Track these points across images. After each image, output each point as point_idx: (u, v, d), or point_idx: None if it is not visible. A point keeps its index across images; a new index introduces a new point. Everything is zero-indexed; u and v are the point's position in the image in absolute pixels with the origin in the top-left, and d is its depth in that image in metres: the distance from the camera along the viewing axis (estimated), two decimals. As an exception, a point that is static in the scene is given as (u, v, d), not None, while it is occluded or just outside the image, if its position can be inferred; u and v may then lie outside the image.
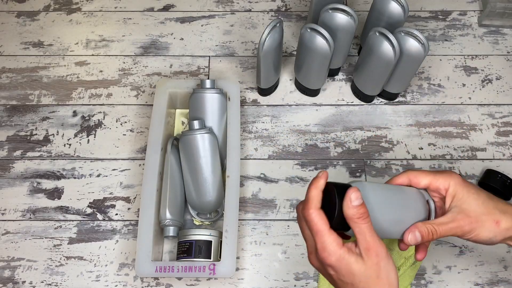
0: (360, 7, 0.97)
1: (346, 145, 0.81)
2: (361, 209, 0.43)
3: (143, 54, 0.91)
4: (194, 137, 0.71)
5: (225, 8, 0.97)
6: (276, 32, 0.72)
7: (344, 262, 0.43)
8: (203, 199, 0.71)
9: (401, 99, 0.86)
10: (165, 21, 0.95)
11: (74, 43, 0.92)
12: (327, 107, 0.85)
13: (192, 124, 0.71)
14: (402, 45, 0.72)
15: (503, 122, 0.84)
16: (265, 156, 0.80)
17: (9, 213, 0.75)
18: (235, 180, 0.70)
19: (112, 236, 0.74)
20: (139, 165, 0.79)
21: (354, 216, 0.43)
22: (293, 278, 0.71)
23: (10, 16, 0.95)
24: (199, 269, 0.64)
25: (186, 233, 0.69)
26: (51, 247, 0.73)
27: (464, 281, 0.71)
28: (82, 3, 0.97)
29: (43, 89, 0.86)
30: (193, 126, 0.71)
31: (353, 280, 0.43)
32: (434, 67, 0.90)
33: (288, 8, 0.97)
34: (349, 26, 0.75)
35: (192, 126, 0.72)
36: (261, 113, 0.84)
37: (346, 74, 0.89)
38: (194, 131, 0.71)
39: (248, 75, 0.88)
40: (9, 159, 0.80)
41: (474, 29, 0.94)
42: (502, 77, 0.89)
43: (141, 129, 0.83)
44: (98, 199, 0.77)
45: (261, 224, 0.75)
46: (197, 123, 0.72)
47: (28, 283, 0.70)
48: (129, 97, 0.86)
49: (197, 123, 0.72)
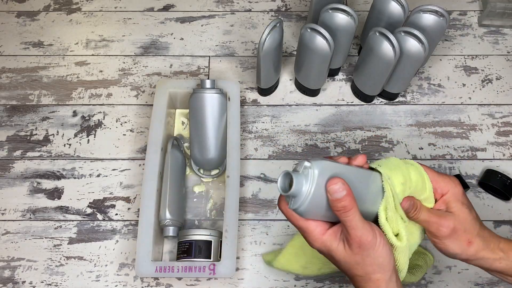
0: (360, 7, 0.97)
1: (346, 145, 0.81)
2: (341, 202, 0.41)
3: (143, 54, 0.91)
4: (203, 95, 0.73)
5: (225, 8, 0.97)
6: (276, 32, 0.72)
7: (327, 249, 0.44)
8: (205, 155, 0.74)
9: (401, 99, 0.86)
10: (165, 21, 0.95)
11: (74, 43, 0.92)
12: (327, 107, 0.85)
13: (204, 83, 0.73)
14: (402, 45, 0.72)
15: (503, 122, 0.84)
16: (265, 156, 0.80)
17: (9, 213, 0.75)
18: (235, 180, 0.70)
19: (112, 236, 0.74)
20: (139, 165, 0.79)
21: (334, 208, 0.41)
22: (293, 278, 0.71)
23: (10, 16, 0.95)
24: (199, 269, 0.64)
25: (186, 233, 0.69)
26: (51, 247, 0.73)
27: (464, 281, 0.71)
28: (82, 3, 0.97)
29: (43, 89, 0.86)
30: (205, 85, 0.73)
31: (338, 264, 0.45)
32: (434, 67, 0.90)
33: (288, 8, 0.97)
34: (349, 26, 0.75)
35: (203, 84, 0.74)
36: (261, 113, 0.84)
37: (346, 74, 0.89)
38: (205, 90, 0.73)
39: (248, 75, 0.88)
40: (9, 159, 0.80)
41: (474, 29, 0.94)
42: (502, 77, 0.89)
43: (141, 129, 0.83)
44: (98, 199, 0.77)
45: (261, 224, 0.75)
46: (208, 82, 0.74)
47: (28, 283, 0.70)
48: (129, 97, 0.86)
49: (208, 82, 0.74)
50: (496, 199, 0.77)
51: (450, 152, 0.81)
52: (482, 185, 0.78)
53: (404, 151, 0.81)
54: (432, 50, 0.81)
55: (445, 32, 0.93)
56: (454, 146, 0.82)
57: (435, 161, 0.80)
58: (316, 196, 0.41)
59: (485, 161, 0.80)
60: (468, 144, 0.82)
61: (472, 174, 0.79)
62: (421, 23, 0.75)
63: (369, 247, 0.42)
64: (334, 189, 0.40)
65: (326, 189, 0.41)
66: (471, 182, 0.78)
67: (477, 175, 0.79)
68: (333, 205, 0.41)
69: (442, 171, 0.76)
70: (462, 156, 0.81)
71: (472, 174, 0.79)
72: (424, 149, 0.81)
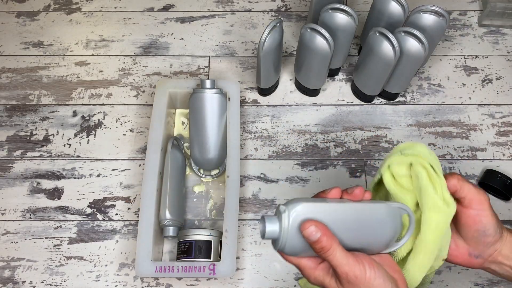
0: (360, 7, 0.97)
1: (346, 145, 0.81)
2: (318, 243, 0.40)
3: (143, 54, 0.91)
4: (203, 95, 0.73)
5: (225, 8, 0.97)
6: (276, 32, 0.72)
7: (321, 284, 0.44)
8: (205, 155, 0.74)
9: (401, 99, 0.86)
10: (165, 21, 0.95)
11: (74, 43, 0.92)
12: (327, 107, 0.85)
13: (204, 83, 0.74)
14: (402, 45, 0.72)
15: (503, 122, 0.84)
16: (265, 156, 0.80)
17: (9, 213, 0.75)
18: (235, 180, 0.70)
19: (112, 236, 0.74)
20: (139, 165, 0.79)
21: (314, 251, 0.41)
22: (293, 278, 0.71)
23: (10, 16, 0.95)
24: (199, 269, 0.64)
25: (186, 233, 0.69)
26: (51, 247, 0.73)
27: (464, 281, 0.71)
28: (82, 3, 0.97)
29: (43, 89, 0.86)
30: (205, 85, 0.74)
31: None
32: (434, 67, 0.90)
33: (288, 8, 0.97)
34: (349, 26, 0.75)
35: (203, 84, 0.74)
36: (261, 113, 0.84)
37: (346, 74, 0.89)
38: (205, 90, 0.73)
39: (248, 75, 0.88)
40: (9, 159, 0.80)
41: (474, 29, 0.94)
42: (502, 77, 0.89)
43: (141, 129, 0.83)
44: (98, 199, 0.77)
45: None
46: (208, 82, 0.74)
47: (28, 283, 0.70)
48: (129, 97, 0.86)
49: (208, 82, 0.74)
50: (496, 199, 0.77)
51: (450, 152, 0.81)
52: (482, 185, 0.78)
53: (404, 151, 0.81)
54: (432, 50, 0.81)
55: (445, 32, 0.92)
56: (454, 146, 0.82)
57: (435, 161, 0.80)
58: (294, 239, 0.41)
59: (485, 161, 0.80)
60: (468, 144, 0.82)
61: (472, 174, 0.79)
62: (421, 23, 0.75)
63: (358, 281, 0.41)
64: (308, 233, 0.40)
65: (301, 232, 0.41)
66: (471, 182, 0.78)
67: (477, 175, 0.79)
68: (312, 247, 0.41)
69: (442, 171, 0.76)
70: (462, 156, 0.81)
71: (472, 174, 0.79)
72: (424, 149, 0.81)
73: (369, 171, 0.79)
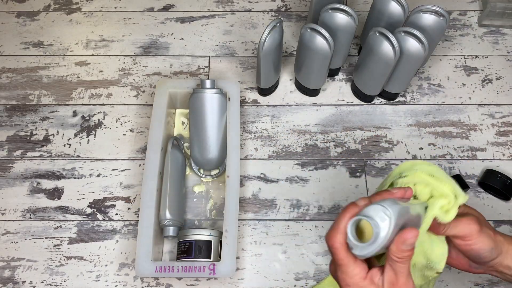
0: (360, 7, 0.97)
1: (346, 145, 0.81)
2: (407, 252, 0.40)
3: (143, 54, 0.91)
4: (203, 95, 0.73)
5: (225, 8, 0.97)
6: (276, 32, 0.72)
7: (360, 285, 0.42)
8: (205, 155, 0.74)
9: (401, 99, 0.86)
10: (165, 21, 0.95)
11: (74, 43, 0.92)
12: (327, 107, 0.85)
13: (204, 83, 0.74)
14: (402, 45, 0.72)
15: (503, 122, 0.84)
16: (265, 156, 0.80)
17: (9, 213, 0.75)
18: (235, 180, 0.70)
19: (112, 236, 0.74)
20: (139, 165, 0.79)
21: (396, 256, 0.40)
22: (293, 278, 0.71)
23: (10, 16, 0.95)
24: (199, 269, 0.64)
25: (186, 233, 0.69)
26: (51, 247, 0.73)
27: (464, 281, 0.71)
28: (82, 3, 0.97)
29: (43, 89, 0.86)
30: (205, 85, 0.74)
31: None
32: (434, 67, 0.90)
33: (288, 8, 0.97)
34: (349, 26, 0.75)
35: (203, 84, 0.74)
36: (261, 113, 0.84)
37: (346, 74, 0.89)
38: (205, 90, 0.73)
39: (248, 75, 0.88)
40: (9, 159, 0.80)
41: (474, 29, 0.94)
42: (502, 77, 0.89)
43: (141, 129, 0.83)
44: (98, 199, 0.77)
45: (261, 224, 0.75)
46: (208, 82, 0.74)
47: (28, 283, 0.70)
48: (129, 97, 0.86)
49: (208, 82, 0.74)
50: (496, 199, 0.77)
51: (450, 152, 0.81)
52: (482, 185, 0.78)
53: (404, 151, 0.81)
54: (432, 50, 0.81)
55: (445, 32, 0.92)
56: (454, 146, 0.82)
57: (435, 161, 0.80)
58: None
59: (485, 161, 0.80)
60: (468, 144, 0.82)
61: (472, 174, 0.79)
62: (421, 23, 0.75)
63: None
64: (410, 242, 0.40)
65: (398, 237, 0.40)
66: (471, 182, 0.78)
67: (477, 175, 0.79)
68: (396, 253, 0.40)
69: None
70: (462, 156, 0.81)
71: (472, 174, 0.79)
72: (424, 149, 0.81)
73: (369, 171, 0.79)
